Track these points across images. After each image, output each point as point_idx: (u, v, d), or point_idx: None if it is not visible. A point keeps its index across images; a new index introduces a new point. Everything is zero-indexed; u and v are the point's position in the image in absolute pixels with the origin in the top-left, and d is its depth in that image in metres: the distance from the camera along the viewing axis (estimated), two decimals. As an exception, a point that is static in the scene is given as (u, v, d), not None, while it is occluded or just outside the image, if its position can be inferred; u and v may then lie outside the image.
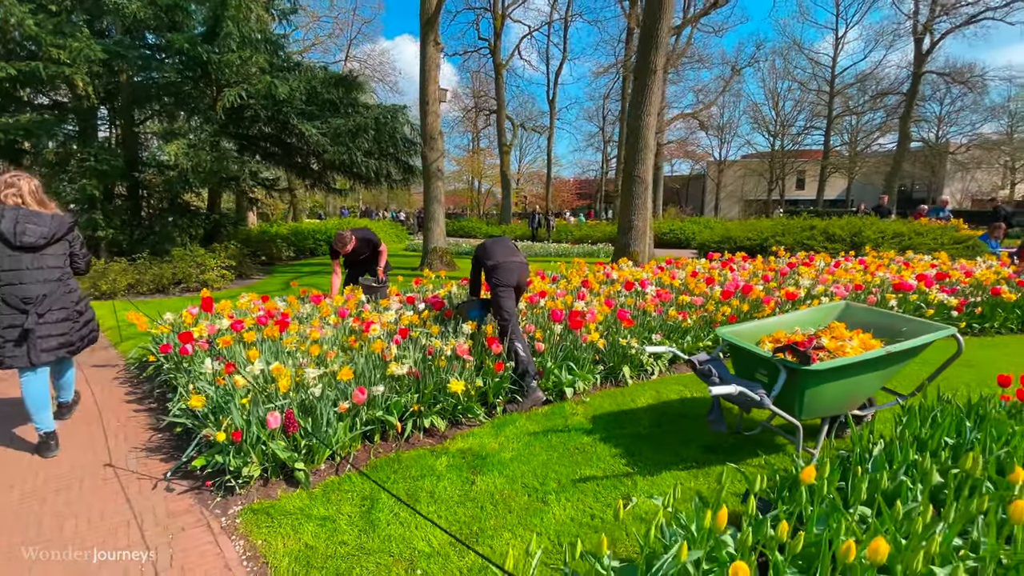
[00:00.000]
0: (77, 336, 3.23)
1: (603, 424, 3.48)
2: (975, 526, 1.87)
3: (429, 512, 2.51)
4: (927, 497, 1.90)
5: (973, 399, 2.88)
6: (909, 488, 2.07)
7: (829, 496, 1.95)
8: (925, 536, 1.64)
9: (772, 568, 1.68)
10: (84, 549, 2.29)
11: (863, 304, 3.47)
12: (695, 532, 1.85)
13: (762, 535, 1.78)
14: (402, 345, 3.56)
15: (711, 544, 1.76)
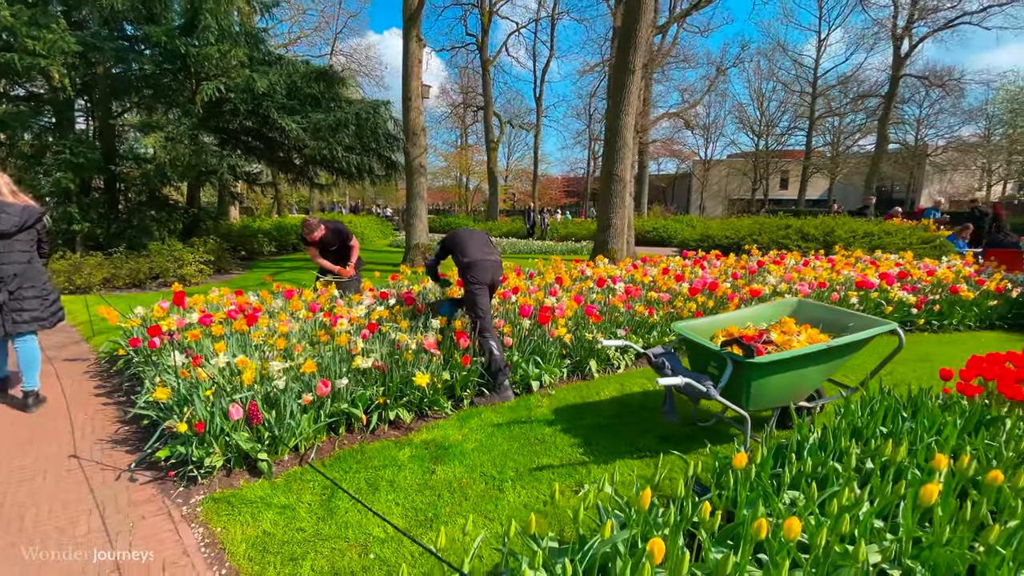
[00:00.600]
0: (48, 312, 3.63)
1: (565, 416, 3.58)
2: (900, 509, 2.00)
3: (388, 500, 2.59)
4: (850, 481, 2.02)
5: (924, 393, 3.01)
6: (839, 473, 2.19)
7: (759, 480, 2.06)
8: (840, 516, 1.75)
9: (700, 546, 1.79)
10: (43, 537, 2.33)
11: (815, 301, 3.60)
12: (634, 515, 1.95)
13: (698, 516, 1.89)
14: (370, 339, 3.62)
15: (646, 525, 1.86)
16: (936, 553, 1.73)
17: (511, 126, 36.65)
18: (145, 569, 2.13)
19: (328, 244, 5.35)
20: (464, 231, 4.18)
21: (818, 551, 1.73)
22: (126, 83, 10.30)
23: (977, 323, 6.09)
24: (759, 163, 41.06)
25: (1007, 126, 29.77)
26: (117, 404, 3.85)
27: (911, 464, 2.27)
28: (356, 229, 19.37)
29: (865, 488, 2.08)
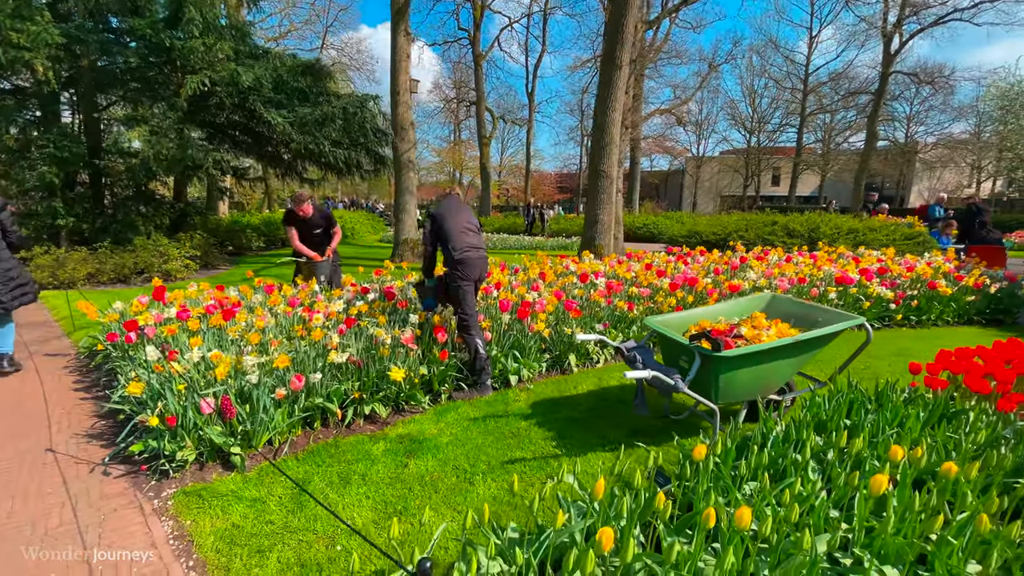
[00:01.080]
0: (8, 297, 3.99)
1: (542, 410, 3.61)
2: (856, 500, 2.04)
3: (359, 493, 2.61)
4: (805, 472, 2.07)
5: (890, 386, 3.06)
6: (796, 464, 2.23)
7: (718, 471, 2.10)
8: (791, 506, 1.79)
9: (658, 534, 1.83)
10: (15, 528, 2.34)
11: (788, 296, 3.65)
12: (596, 506, 1.98)
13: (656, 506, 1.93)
14: (346, 334, 3.63)
15: (603, 515, 1.90)
16: (886, 542, 1.77)
17: (504, 121, 36.57)
18: (113, 562, 2.15)
19: (314, 225, 5.32)
20: (452, 206, 3.91)
21: (771, 540, 1.77)
22: (111, 76, 10.19)
23: (955, 318, 6.18)
24: (751, 160, 41.18)
25: (998, 123, 29.99)
26: (95, 399, 3.84)
27: (871, 456, 2.32)
28: (347, 224, 19.32)
29: (819, 479, 2.13)
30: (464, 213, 3.94)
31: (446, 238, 3.80)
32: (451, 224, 3.82)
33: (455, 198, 4.04)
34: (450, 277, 3.84)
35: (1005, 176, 35.09)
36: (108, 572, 2.10)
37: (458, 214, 3.88)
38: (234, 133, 12.32)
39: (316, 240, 5.39)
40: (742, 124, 41.38)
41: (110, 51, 9.12)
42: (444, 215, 3.84)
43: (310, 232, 5.32)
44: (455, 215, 3.86)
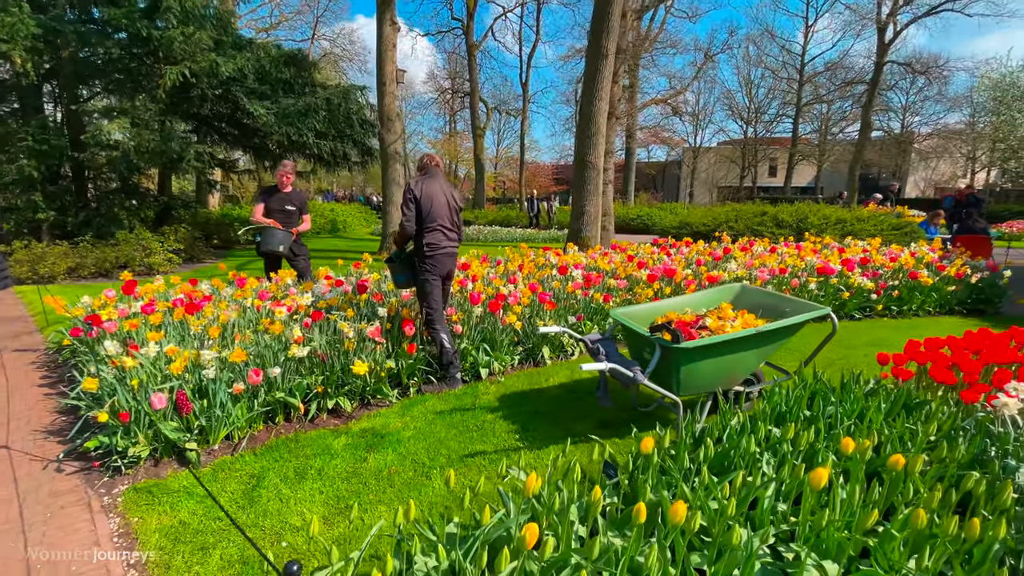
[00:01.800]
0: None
1: (510, 402, 3.58)
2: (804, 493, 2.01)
3: (312, 488, 2.57)
4: (752, 464, 2.03)
5: (853, 378, 3.03)
6: (746, 456, 2.20)
7: (666, 463, 2.07)
8: (729, 499, 1.75)
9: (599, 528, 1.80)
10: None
11: (757, 287, 3.61)
12: (536, 501, 1.95)
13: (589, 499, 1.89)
14: (312, 328, 3.59)
15: (532, 509, 1.86)
16: (823, 536, 1.74)
17: (499, 112, 36.36)
18: (52, 561, 2.11)
19: (288, 201, 5.24)
20: (435, 188, 3.67)
21: (712, 534, 1.74)
22: (93, 67, 10.05)
23: (937, 308, 6.15)
24: (747, 151, 41.05)
25: (992, 114, 29.88)
26: (60, 394, 3.79)
27: (825, 448, 2.29)
28: (339, 217, 19.22)
29: (771, 471, 2.10)
30: (444, 200, 3.71)
31: (422, 229, 3.65)
32: (432, 215, 3.63)
33: (439, 175, 3.80)
34: (418, 269, 3.75)
35: (999, 167, 35.05)
36: (46, 571, 2.06)
37: (440, 201, 3.67)
38: (220, 125, 12.20)
39: (287, 216, 5.27)
40: (739, 115, 41.20)
41: (89, 42, 8.98)
42: (428, 201, 3.62)
43: (282, 207, 5.22)
44: (437, 203, 3.65)
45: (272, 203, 5.22)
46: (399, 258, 3.88)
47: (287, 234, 5.11)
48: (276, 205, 5.23)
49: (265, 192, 5.26)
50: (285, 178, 5.12)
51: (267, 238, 5.01)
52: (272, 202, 5.23)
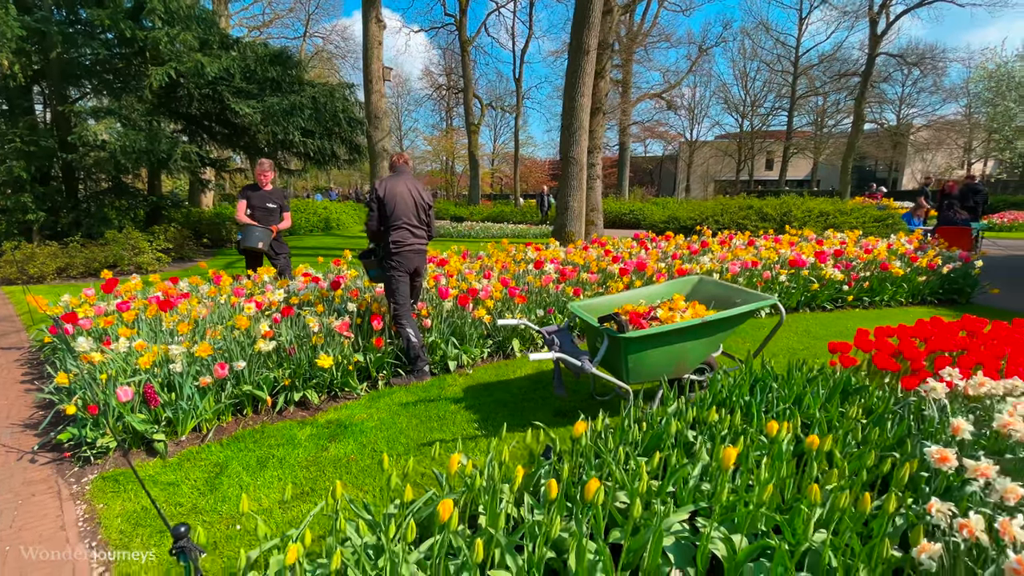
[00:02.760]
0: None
1: (475, 394, 3.69)
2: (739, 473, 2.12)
3: (272, 476, 2.69)
4: (676, 447, 2.15)
5: (796, 365, 3.14)
6: (678, 439, 2.31)
7: (597, 446, 2.18)
8: (651, 478, 1.87)
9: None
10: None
11: (713, 278, 3.70)
12: (468, 480, 2.06)
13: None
14: (281, 323, 3.69)
15: (448, 487, 1.98)
16: (731, 513, 1.85)
17: (493, 108, 36.34)
18: (19, 543, 2.22)
19: (269, 198, 5.33)
20: (400, 187, 3.75)
21: (632, 512, 1.86)
22: (81, 68, 10.12)
23: (909, 299, 6.26)
24: (744, 144, 41.06)
25: (988, 105, 29.85)
26: (39, 390, 3.91)
27: (755, 431, 2.40)
28: (332, 215, 19.29)
29: (703, 452, 2.21)
30: (410, 198, 3.79)
31: (388, 227, 3.75)
32: (397, 213, 3.72)
33: (406, 172, 3.90)
34: (385, 266, 3.85)
35: (995, 158, 35.07)
36: (13, 553, 2.17)
37: (406, 199, 3.75)
38: (210, 124, 12.27)
39: (269, 213, 5.38)
40: (734, 108, 41.20)
41: (75, 43, 9.05)
42: (392, 200, 3.71)
43: (264, 204, 5.32)
44: (402, 201, 3.74)
45: (254, 200, 5.33)
46: (371, 254, 3.99)
47: (266, 231, 5.21)
48: (258, 203, 5.33)
49: (247, 189, 5.36)
50: (263, 176, 5.22)
51: (247, 235, 5.11)
52: (254, 199, 5.33)
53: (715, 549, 1.74)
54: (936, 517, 1.60)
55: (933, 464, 1.78)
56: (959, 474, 1.93)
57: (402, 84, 47.42)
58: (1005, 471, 2.05)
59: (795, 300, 5.76)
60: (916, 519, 1.84)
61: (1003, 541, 1.45)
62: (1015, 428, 1.96)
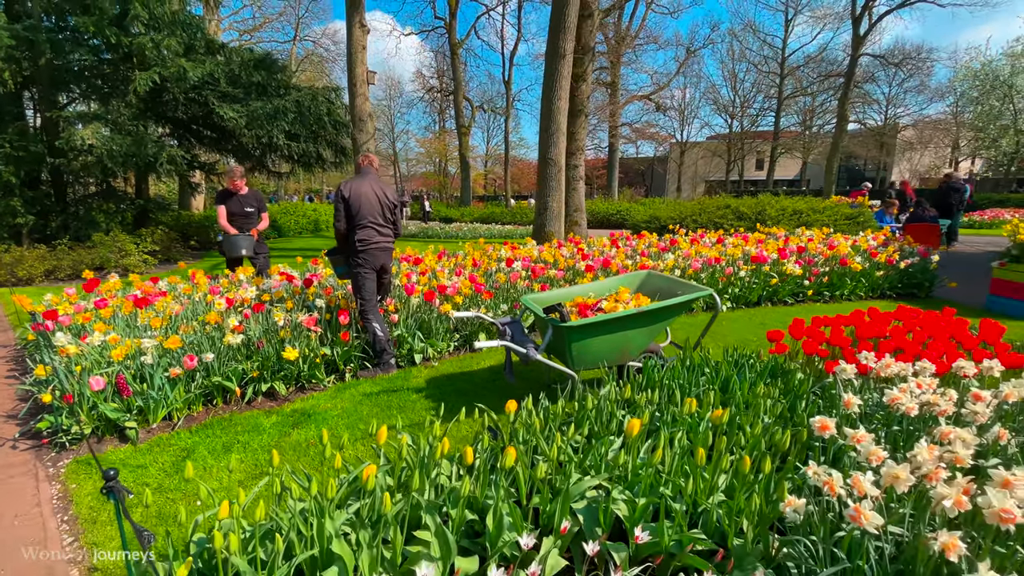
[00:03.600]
0: None
1: (436, 384, 3.89)
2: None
3: (235, 459, 2.87)
4: (603, 423, 2.35)
5: (728, 352, 3.35)
6: (594, 415, 2.52)
7: (530, 424, 2.38)
8: (554, 451, 2.07)
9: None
10: (-90, 497, 2.59)
11: (660, 273, 3.91)
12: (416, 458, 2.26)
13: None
14: (252, 318, 3.88)
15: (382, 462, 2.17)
16: (633, 478, 2.06)
17: (484, 110, 36.56)
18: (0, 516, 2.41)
19: (245, 203, 5.52)
20: (364, 189, 3.90)
21: (553, 480, 2.06)
22: (71, 74, 10.28)
23: (868, 293, 6.49)
24: (733, 145, 41.43)
25: (975, 103, 30.23)
26: (22, 384, 4.08)
27: (673, 410, 2.60)
28: (322, 217, 19.45)
29: (603, 426, 2.41)
30: (375, 198, 3.94)
31: (352, 225, 3.90)
32: (362, 213, 3.88)
33: (372, 173, 4.06)
34: (351, 263, 4.03)
35: (982, 156, 35.52)
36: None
37: (370, 199, 3.91)
38: (198, 128, 12.44)
39: (247, 218, 5.58)
40: (724, 109, 41.57)
41: (63, 50, 9.21)
42: (357, 200, 3.87)
43: (242, 209, 5.52)
44: (367, 201, 3.90)
45: (232, 206, 5.51)
46: (339, 252, 4.18)
47: (248, 238, 5.41)
48: (236, 208, 5.52)
49: (223, 195, 5.54)
50: (235, 184, 5.40)
51: (231, 245, 5.31)
52: (231, 205, 5.51)
53: (618, 510, 1.94)
54: (812, 479, 1.80)
55: (816, 432, 1.98)
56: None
57: (395, 87, 47.62)
58: (891, 437, 2.28)
59: (756, 295, 5.99)
60: (802, 482, 2.05)
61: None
62: (901, 402, 2.18)
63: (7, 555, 2.18)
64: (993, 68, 28.16)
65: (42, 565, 2.12)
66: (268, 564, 1.62)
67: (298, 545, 1.71)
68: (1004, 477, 1.56)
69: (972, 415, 2.15)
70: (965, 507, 1.52)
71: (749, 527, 1.83)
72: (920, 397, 2.25)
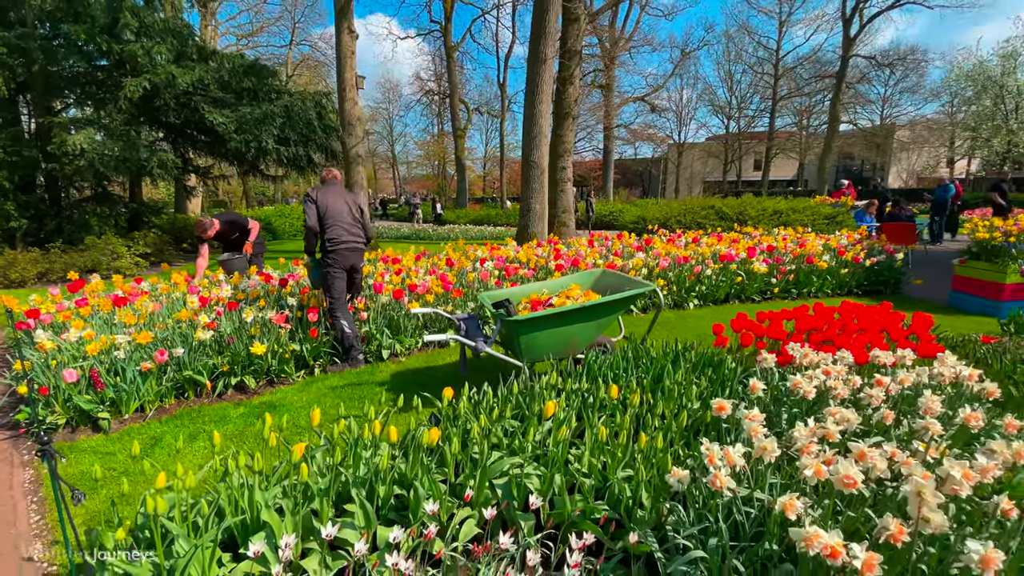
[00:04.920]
0: None
1: (401, 378, 4.07)
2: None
3: (199, 446, 3.06)
4: (532, 410, 2.53)
5: (667, 344, 3.52)
6: (518, 400, 2.70)
7: (465, 412, 2.57)
8: (490, 433, 2.24)
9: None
10: None
11: (614, 271, 4.09)
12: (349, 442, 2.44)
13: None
14: (225, 315, 4.07)
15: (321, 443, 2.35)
16: (554, 454, 2.24)
17: (480, 113, 36.79)
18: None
19: (226, 236, 5.75)
20: (331, 192, 4.17)
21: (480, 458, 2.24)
22: (64, 80, 10.51)
23: (836, 290, 6.66)
24: (730, 146, 41.58)
25: (968, 104, 30.33)
26: (4, 379, 4.27)
27: (619, 397, 2.78)
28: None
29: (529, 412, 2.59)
30: (342, 202, 4.18)
31: (324, 227, 4.11)
32: (330, 215, 4.10)
33: (336, 184, 4.30)
34: (323, 263, 4.22)
35: (977, 156, 35.60)
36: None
37: (337, 203, 4.14)
38: (192, 132, 12.67)
39: (236, 242, 5.83)
40: (720, 110, 41.72)
41: (55, 57, 9.43)
42: (325, 204, 4.10)
43: (229, 239, 5.77)
44: (334, 205, 4.13)
45: (222, 240, 5.75)
46: (313, 260, 4.40)
47: (241, 258, 5.61)
48: (222, 239, 5.76)
49: (200, 241, 5.73)
50: (208, 236, 5.58)
51: (227, 270, 5.51)
52: (222, 239, 5.75)
53: (530, 484, 2.12)
54: (704, 453, 1.98)
55: (714, 413, 2.16)
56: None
57: (393, 89, 47.91)
58: (792, 417, 2.45)
59: (723, 292, 6.16)
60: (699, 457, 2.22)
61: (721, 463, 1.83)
62: (800, 386, 2.35)
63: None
64: (984, 68, 28.31)
65: (10, 540, 2.31)
66: (200, 528, 1.80)
67: (230, 513, 1.89)
68: (860, 450, 1.74)
69: (868, 398, 2.34)
70: (824, 476, 1.70)
71: (648, 498, 2.00)
72: (826, 383, 2.43)
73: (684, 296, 6.01)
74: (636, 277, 4.12)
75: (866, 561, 1.35)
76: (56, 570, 2.10)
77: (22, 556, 2.19)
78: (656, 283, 4.95)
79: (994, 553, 1.31)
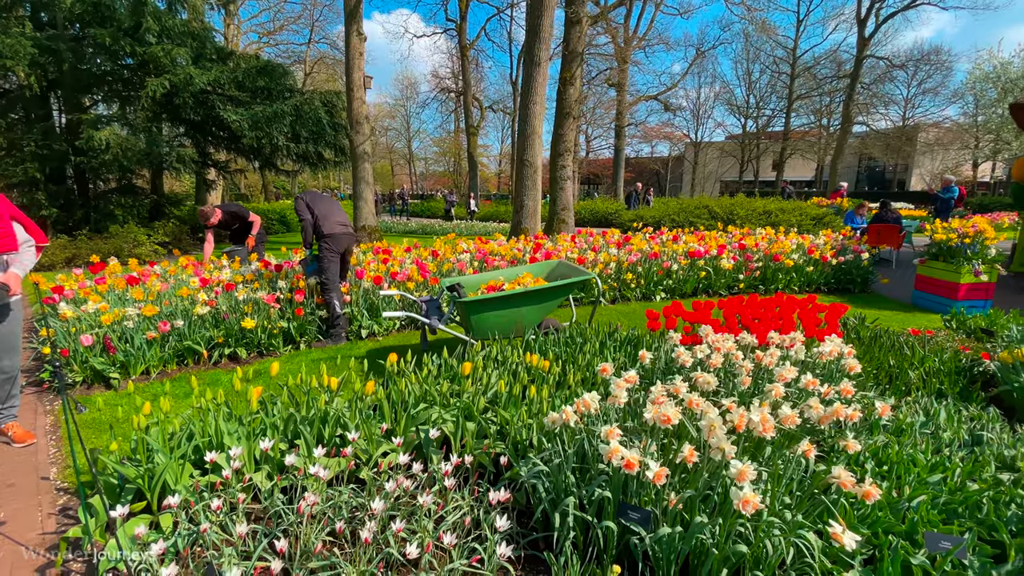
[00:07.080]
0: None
1: (376, 353, 4.56)
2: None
3: (190, 402, 3.58)
4: (473, 376, 3.00)
5: (607, 326, 3.95)
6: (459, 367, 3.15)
7: (410, 376, 3.04)
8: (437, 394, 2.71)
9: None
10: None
11: (567, 262, 4.51)
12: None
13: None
14: (223, 295, 4.61)
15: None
16: (468, 405, 2.70)
17: (492, 111, 37.22)
18: (4, 440, 3.15)
19: (227, 224, 6.31)
20: (323, 203, 4.76)
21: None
22: (92, 79, 11.25)
23: (803, 287, 6.97)
24: (747, 145, 41.33)
25: (993, 106, 29.75)
26: (32, 344, 4.88)
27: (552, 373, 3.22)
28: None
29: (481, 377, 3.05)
30: (331, 202, 4.85)
31: (320, 217, 4.69)
32: (322, 207, 4.73)
33: (318, 194, 5.00)
34: (320, 248, 4.77)
35: (1000, 160, 34.87)
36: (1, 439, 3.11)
37: (327, 203, 4.80)
38: (211, 129, 13.37)
39: (239, 233, 6.40)
40: (738, 109, 41.46)
41: (83, 57, 10.14)
42: (315, 200, 4.77)
43: (230, 228, 6.32)
44: (324, 201, 4.80)
45: (226, 229, 6.31)
46: (311, 254, 4.97)
47: (244, 250, 6.17)
48: (223, 228, 6.32)
49: (206, 230, 6.29)
50: (209, 223, 6.14)
51: (232, 259, 6.08)
52: (222, 228, 6.31)
53: (446, 428, 2.58)
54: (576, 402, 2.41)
55: (601, 376, 2.59)
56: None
57: (411, 86, 48.55)
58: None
59: (691, 287, 6.53)
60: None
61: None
62: (681, 356, 2.78)
63: (9, 459, 2.91)
64: (1006, 69, 27.79)
65: (32, 465, 2.85)
66: (175, 446, 2.30)
67: (199, 436, 2.40)
68: (690, 399, 2.17)
69: (739, 368, 2.75)
70: (656, 415, 2.12)
71: (536, 438, 2.45)
72: (707, 356, 2.84)
73: (652, 289, 6.40)
74: (583, 267, 4.54)
75: (657, 472, 1.79)
76: (66, 486, 2.63)
77: (40, 476, 2.73)
78: (596, 270, 5.36)
79: (747, 468, 1.74)
